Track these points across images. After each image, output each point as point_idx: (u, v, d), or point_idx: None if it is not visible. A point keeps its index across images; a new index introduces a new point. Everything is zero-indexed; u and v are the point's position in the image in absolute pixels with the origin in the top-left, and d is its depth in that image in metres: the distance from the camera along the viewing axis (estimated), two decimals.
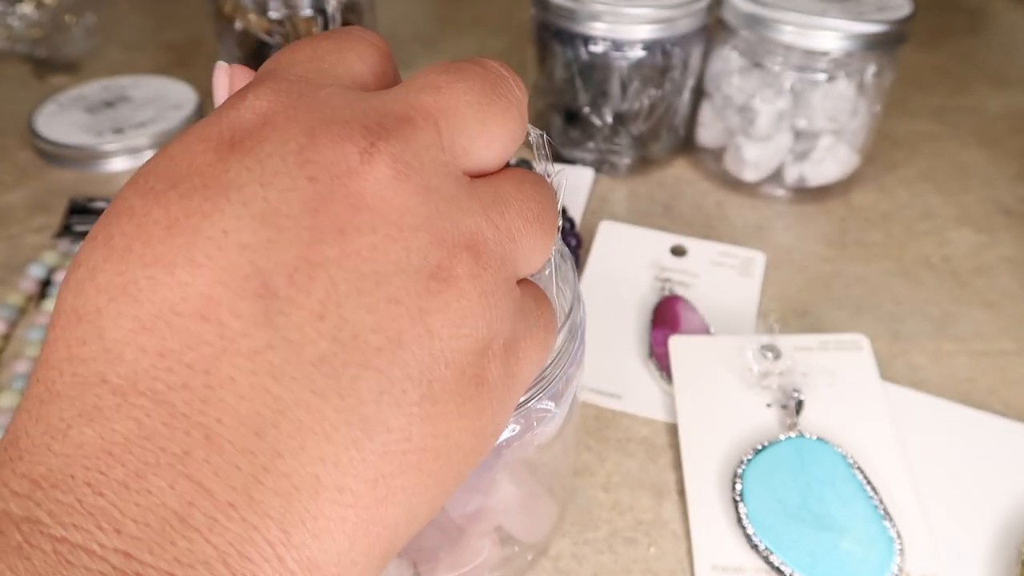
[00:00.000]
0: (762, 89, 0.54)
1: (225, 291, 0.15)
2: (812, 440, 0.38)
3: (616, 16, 0.53)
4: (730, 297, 0.49)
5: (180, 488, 0.14)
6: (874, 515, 0.35)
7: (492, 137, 0.19)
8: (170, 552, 0.14)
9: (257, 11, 0.59)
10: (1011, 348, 0.47)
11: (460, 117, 0.18)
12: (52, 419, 0.15)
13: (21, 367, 0.44)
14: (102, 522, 0.14)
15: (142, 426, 0.14)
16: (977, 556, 0.36)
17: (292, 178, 0.16)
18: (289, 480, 0.15)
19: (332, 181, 0.16)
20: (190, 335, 0.15)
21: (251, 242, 0.15)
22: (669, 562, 0.36)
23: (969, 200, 0.60)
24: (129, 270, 0.15)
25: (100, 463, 0.14)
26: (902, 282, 0.52)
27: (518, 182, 0.19)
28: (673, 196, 0.59)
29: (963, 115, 0.70)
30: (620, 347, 0.46)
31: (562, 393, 0.26)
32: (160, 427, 0.14)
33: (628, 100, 0.56)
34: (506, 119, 0.19)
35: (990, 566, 0.35)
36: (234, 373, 0.15)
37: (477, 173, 0.19)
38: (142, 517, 0.14)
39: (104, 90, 0.67)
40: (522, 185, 0.19)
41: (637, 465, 0.40)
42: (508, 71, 0.20)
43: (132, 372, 0.15)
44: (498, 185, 0.19)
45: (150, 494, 0.14)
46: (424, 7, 0.89)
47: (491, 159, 0.19)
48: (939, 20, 0.86)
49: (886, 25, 0.51)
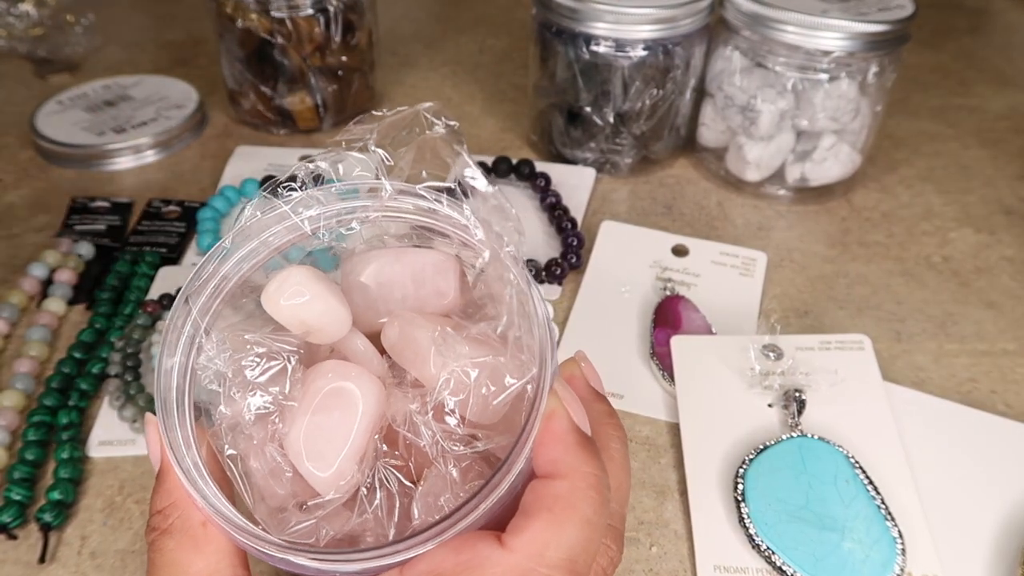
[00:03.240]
0: (764, 89, 0.54)
1: None
2: (814, 440, 0.38)
3: (618, 16, 0.53)
4: (732, 297, 0.49)
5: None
6: (876, 515, 0.35)
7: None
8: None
9: (259, 10, 0.59)
10: (1012, 348, 0.47)
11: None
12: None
13: (21, 367, 0.44)
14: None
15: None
16: (979, 556, 0.36)
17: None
18: None
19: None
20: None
21: None
22: (671, 562, 0.36)
23: (970, 200, 0.60)
24: None
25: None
26: (903, 282, 0.52)
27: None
28: (675, 196, 0.59)
29: (964, 115, 0.70)
30: (622, 347, 0.46)
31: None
32: None
33: (630, 100, 0.56)
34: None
35: (991, 566, 0.35)
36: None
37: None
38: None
39: (105, 89, 0.67)
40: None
41: (639, 465, 0.40)
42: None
43: None
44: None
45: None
46: (425, 7, 0.89)
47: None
48: (940, 20, 0.86)
49: (888, 25, 0.51)
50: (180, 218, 0.56)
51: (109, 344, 0.45)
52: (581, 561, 0.22)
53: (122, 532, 0.37)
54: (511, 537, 0.22)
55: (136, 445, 0.41)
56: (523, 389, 0.24)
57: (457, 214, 0.25)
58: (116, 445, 0.41)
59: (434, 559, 0.22)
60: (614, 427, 0.27)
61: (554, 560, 0.21)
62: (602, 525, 0.23)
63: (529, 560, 0.21)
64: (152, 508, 0.24)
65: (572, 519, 0.22)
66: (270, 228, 0.26)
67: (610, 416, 0.27)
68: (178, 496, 0.24)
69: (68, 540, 0.37)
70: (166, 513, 0.24)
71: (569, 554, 0.22)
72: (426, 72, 0.74)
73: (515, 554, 0.21)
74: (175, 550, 0.23)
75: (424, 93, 0.71)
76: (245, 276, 0.26)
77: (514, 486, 0.23)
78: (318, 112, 0.64)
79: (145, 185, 0.60)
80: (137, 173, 0.61)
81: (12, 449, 0.40)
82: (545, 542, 0.21)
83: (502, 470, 0.22)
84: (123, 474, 0.40)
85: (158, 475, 0.25)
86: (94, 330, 0.46)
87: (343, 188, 0.26)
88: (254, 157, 0.61)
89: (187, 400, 0.25)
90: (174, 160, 0.63)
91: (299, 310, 0.24)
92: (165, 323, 0.25)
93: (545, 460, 0.23)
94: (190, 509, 0.24)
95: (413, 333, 0.25)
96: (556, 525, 0.22)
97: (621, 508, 0.26)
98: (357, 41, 0.63)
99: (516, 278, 0.24)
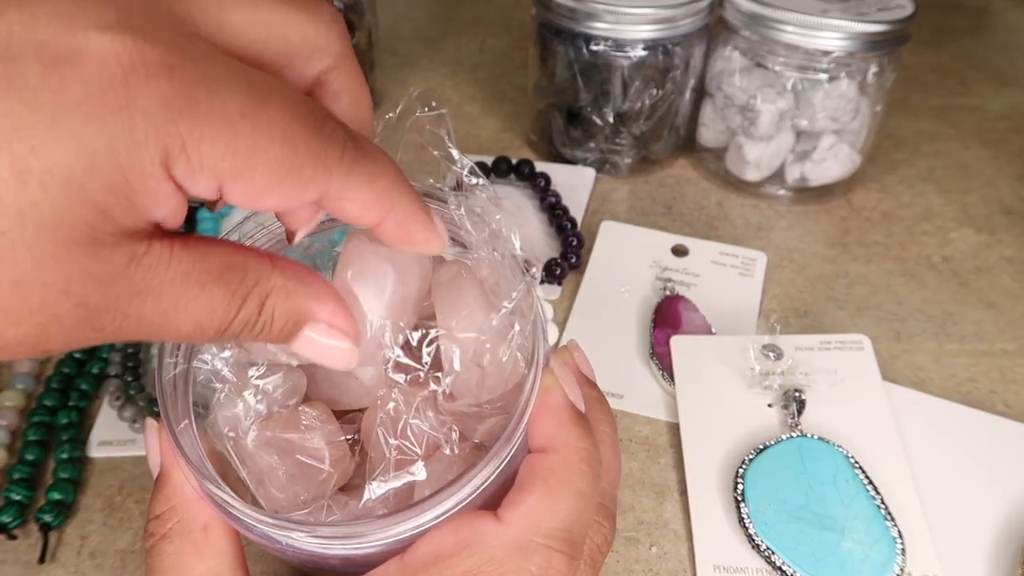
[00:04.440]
0: (763, 89, 0.54)
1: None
2: (814, 440, 0.38)
3: (617, 16, 0.53)
4: (731, 297, 0.49)
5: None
6: (876, 515, 0.35)
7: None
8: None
9: None
10: (1012, 348, 0.47)
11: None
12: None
13: (21, 367, 0.44)
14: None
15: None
16: (978, 556, 0.36)
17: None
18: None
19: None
20: None
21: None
22: (671, 562, 0.36)
23: (970, 200, 0.60)
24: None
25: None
26: (903, 282, 0.52)
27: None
28: (674, 196, 0.59)
29: (964, 115, 0.70)
30: (621, 347, 0.46)
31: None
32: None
33: (629, 100, 0.56)
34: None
35: (991, 566, 0.35)
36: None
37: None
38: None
39: None
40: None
41: (639, 465, 0.40)
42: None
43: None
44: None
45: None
46: (425, 7, 0.89)
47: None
48: (940, 20, 0.86)
49: (887, 25, 0.51)
50: None
51: (109, 344, 0.45)
52: (575, 531, 0.22)
53: (122, 532, 0.37)
54: (507, 511, 0.22)
55: (136, 445, 0.41)
56: (518, 364, 0.24)
57: (439, 204, 0.25)
58: (116, 445, 0.41)
59: (434, 540, 0.22)
60: (603, 412, 0.28)
61: (549, 530, 0.22)
62: (594, 498, 0.23)
63: (526, 532, 0.22)
64: (150, 513, 0.24)
65: (566, 491, 0.22)
66: (265, 225, 0.26)
67: (599, 402, 0.28)
68: (177, 501, 0.24)
69: (68, 540, 0.37)
70: (165, 518, 0.24)
71: (564, 524, 0.22)
72: (426, 72, 0.74)
73: (512, 527, 0.22)
74: (175, 554, 0.23)
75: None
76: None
77: (513, 459, 0.23)
78: None
79: None
80: None
81: (12, 449, 0.40)
82: (540, 514, 0.22)
83: (500, 440, 0.23)
84: (123, 474, 0.40)
85: (157, 480, 0.25)
86: None
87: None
88: None
89: (188, 400, 0.25)
90: None
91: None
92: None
93: (540, 434, 0.24)
94: (190, 513, 0.24)
95: (465, 284, 0.25)
96: (551, 497, 0.22)
97: (612, 488, 0.27)
98: (357, 41, 0.63)
99: (504, 260, 0.25)
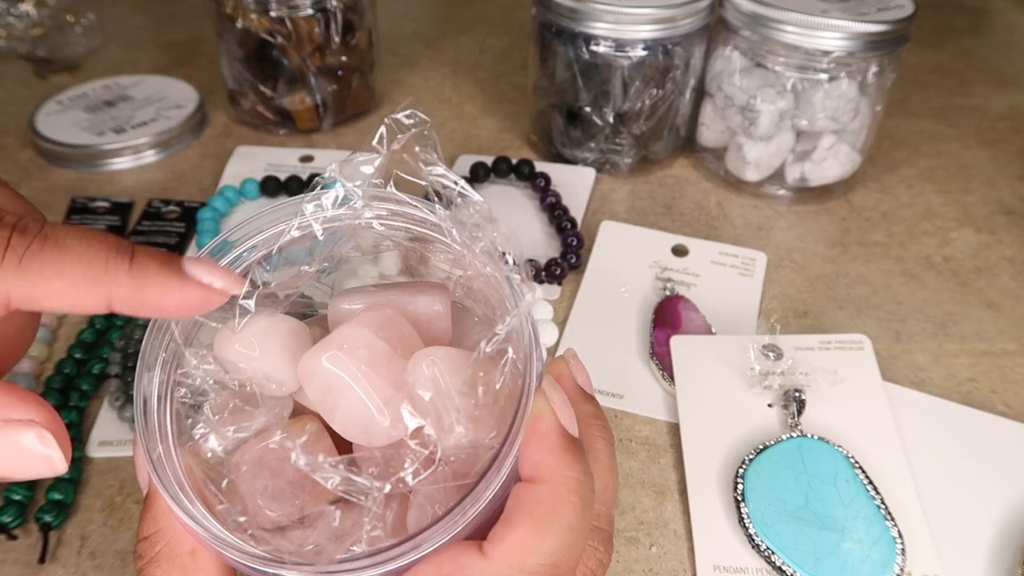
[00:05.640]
0: (763, 89, 0.54)
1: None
2: (814, 440, 0.38)
3: (618, 16, 0.53)
4: (731, 297, 0.49)
5: None
6: (876, 515, 0.35)
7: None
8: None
9: (258, 10, 0.59)
10: (1012, 348, 0.47)
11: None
12: None
13: (22, 367, 0.44)
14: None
15: None
16: (978, 556, 0.36)
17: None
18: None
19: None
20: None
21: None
22: (671, 562, 0.36)
23: (970, 200, 0.60)
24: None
25: None
26: (903, 282, 0.52)
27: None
28: (674, 196, 0.59)
29: (964, 115, 0.70)
30: (621, 347, 0.46)
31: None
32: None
33: (629, 100, 0.56)
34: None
35: (991, 566, 0.35)
36: None
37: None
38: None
39: (105, 89, 0.67)
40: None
41: (638, 465, 0.40)
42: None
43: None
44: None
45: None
46: (425, 6, 0.89)
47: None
48: (940, 20, 0.86)
49: (887, 25, 0.51)
50: (180, 218, 0.56)
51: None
52: (563, 566, 0.22)
53: (122, 532, 0.37)
54: (492, 546, 0.21)
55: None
56: (514, 387, 0.23)
57: (430, 214, 0.25)
58: (116, 445, 0.41)
59: (417, 575, 0.21)
60: (600, 428, 0.27)
61: (534, 567, 0.21)
62: (585, 530, 0.22)
63: (510, 569, 0.21)
64: (139, 533, 0.24)
65: (553, 525, 0.22)
66: (253, 237, 0.26)
67: (596, 417, 0.27)
68: (165, 523, 0.23)
69: (68, 540, 0.37)
70: (153, 540, 0.23)
71: (551, 560, 0.21)
72: (426, 72, 0.74)
73: (496, 563, 0.21)
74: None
75: (424, 93, 0.71)
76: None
77: (504, 487, 0.22)
78: (318, 112, 0.64)
79: (145, 185, 0.60)
80: (137, 173, 0.61)
81: None
82: (526, 549, 0.21)
83: (491, 470, 0.22)
84: (123, 474, 0.40)
85: (145, 499, 0.24)
86: (94, 330, 0.46)
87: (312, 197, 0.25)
88: (254, 157, 0.61)
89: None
90: (174, 160, 0.63)
91: (246, 360, 0.24)
92: (144, 337, 0.24)
93: (529, 463, 0.23)
94: (177, 536, 0.23)
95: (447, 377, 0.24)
96: (537, 532, 0.21)
97: (608, 509, 0.26)
98: (357, 41, 0.63)
99: (495, 276, 0.24)
